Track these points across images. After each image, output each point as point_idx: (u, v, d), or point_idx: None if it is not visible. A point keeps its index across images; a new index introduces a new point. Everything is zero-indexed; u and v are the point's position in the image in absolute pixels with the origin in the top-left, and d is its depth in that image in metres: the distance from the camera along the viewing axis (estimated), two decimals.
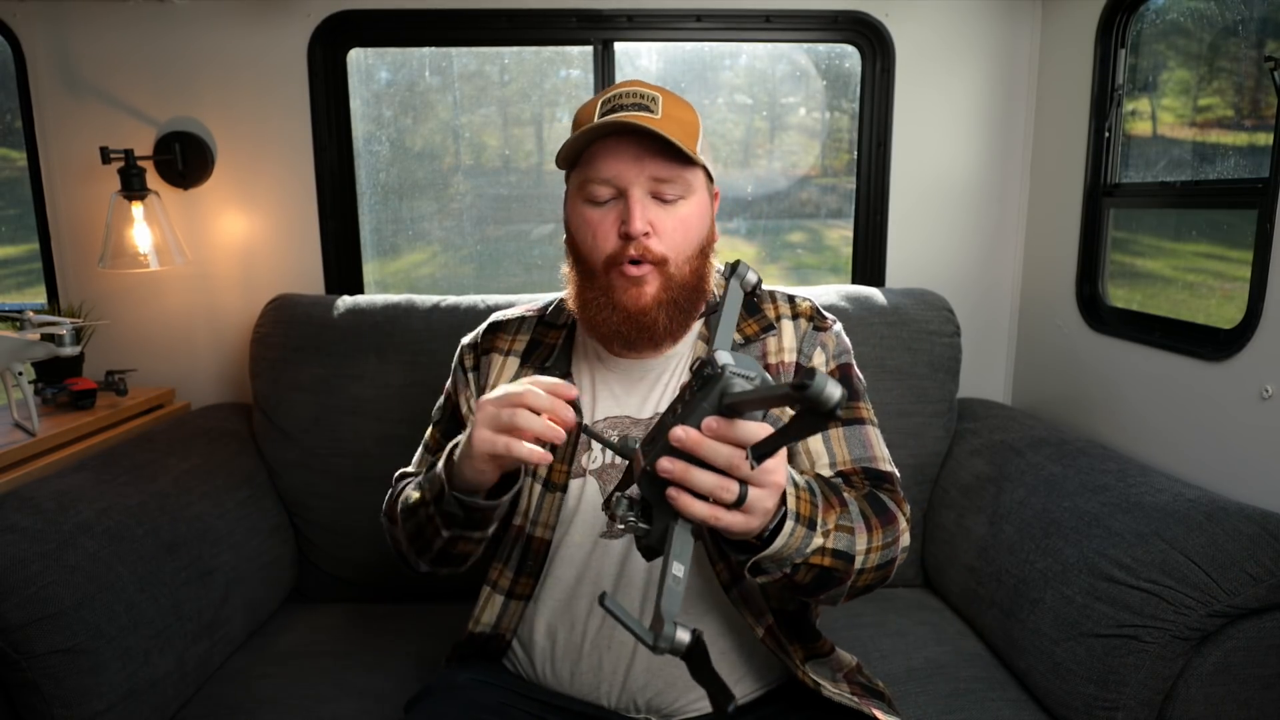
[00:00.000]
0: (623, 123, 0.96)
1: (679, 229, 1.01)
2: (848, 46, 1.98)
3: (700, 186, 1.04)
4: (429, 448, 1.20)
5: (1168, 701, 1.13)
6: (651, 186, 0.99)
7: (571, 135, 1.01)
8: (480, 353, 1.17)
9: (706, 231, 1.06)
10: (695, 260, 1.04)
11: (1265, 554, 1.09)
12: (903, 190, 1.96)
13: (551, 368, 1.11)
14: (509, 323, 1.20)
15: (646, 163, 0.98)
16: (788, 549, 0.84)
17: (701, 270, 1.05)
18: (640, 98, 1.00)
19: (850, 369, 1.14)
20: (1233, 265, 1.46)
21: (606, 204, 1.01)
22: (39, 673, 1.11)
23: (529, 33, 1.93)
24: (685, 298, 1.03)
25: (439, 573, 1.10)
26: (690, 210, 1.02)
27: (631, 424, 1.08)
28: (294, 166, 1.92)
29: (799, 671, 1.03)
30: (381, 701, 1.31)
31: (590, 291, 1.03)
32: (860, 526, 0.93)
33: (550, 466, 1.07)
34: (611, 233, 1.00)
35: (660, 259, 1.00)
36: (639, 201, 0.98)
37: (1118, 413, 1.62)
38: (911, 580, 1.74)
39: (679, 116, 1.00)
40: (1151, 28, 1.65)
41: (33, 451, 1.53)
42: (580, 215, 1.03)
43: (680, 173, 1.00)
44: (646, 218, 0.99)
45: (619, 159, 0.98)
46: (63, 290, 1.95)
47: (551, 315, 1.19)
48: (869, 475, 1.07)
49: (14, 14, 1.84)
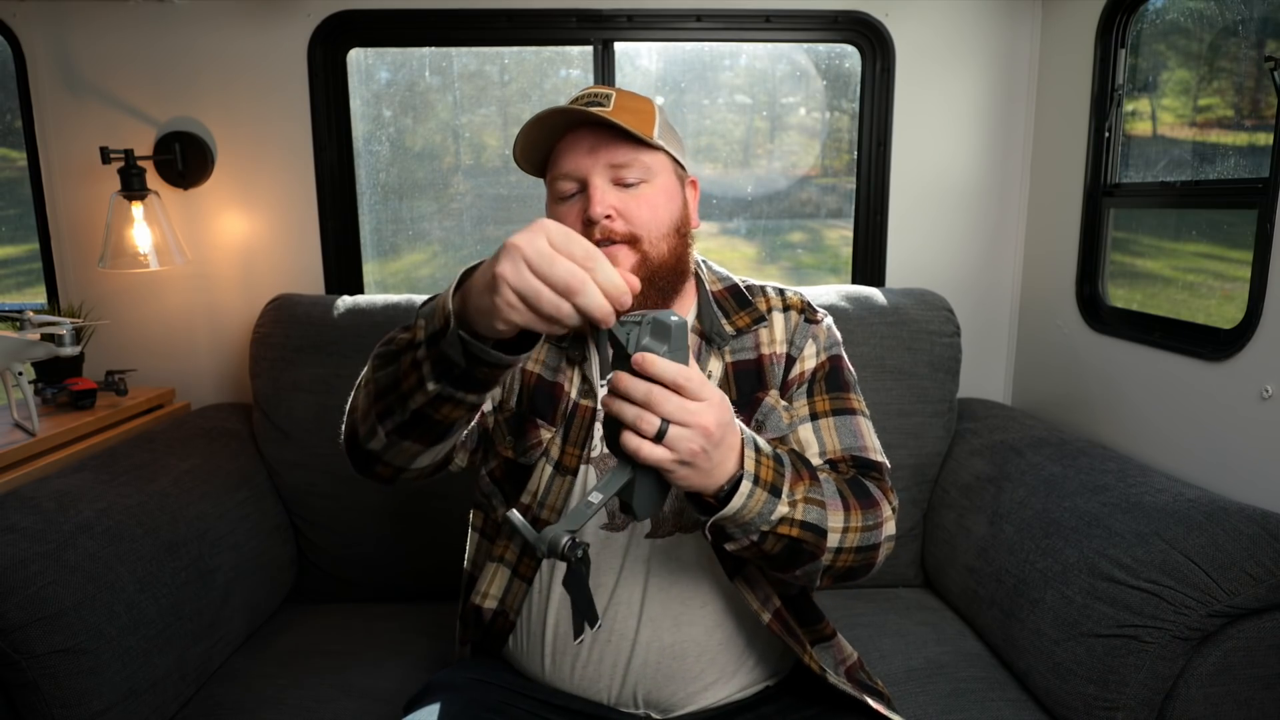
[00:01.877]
0: (565, 112, 1.00)
1: (644, 208, 1.02)
2: (848, 46, 1.98)
3: (663, 170, 1.06)
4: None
5: (1168, 701, 1.13)
6: (611, 174, 1.02)
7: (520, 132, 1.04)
8: None
9: (678, 213, 1.07)
10: (671, 239, 1.05)
11: (1265, 554, 1.09)
12: (903, 190, 1.96)
13: (569, 347, 1.11)
14: None
15: (601, 152, 1.02)
16: (747, 512, 0.85)
17: (680, 251, 1.07)
18: (594, 96, 1.04)
19: (840, 360, 1.15)
20: (1233, 265, 1.46)
21: (574, 198, 1.04)
22: (39, 673, 1.11)
23: (529, 33, 1.93)
24: (662, 277, 1.04)
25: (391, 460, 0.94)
26: (654, 191, 1.04)
27: None
28: (294, 166, 1.92)
29: (806, 656, 1.03)
30: (381, 701, 1.31)
31: None
32: (835, 504, 0.94)
33: (563, 449, 1.08)
34: (577, 223, 1.02)
35: (629, 237, 1.02)
36: (598, 188, 1.01)
37: (1118, 413, 1.62)
38: (911, 580, 1.74)
39: (631, 106, 1.04)
40: (1151, 28, 1.65)
41: (33, 451, 1.53)
42: (554, 213, 1.07)
43: (636, 156, 1.02)
44: (608, 202, 1.01)
45: (575, 152, 1.03)
46: (63, 290, 1.95)
47: None
48: (857, 463, 1.07)
49: (14, 14, 1.84)
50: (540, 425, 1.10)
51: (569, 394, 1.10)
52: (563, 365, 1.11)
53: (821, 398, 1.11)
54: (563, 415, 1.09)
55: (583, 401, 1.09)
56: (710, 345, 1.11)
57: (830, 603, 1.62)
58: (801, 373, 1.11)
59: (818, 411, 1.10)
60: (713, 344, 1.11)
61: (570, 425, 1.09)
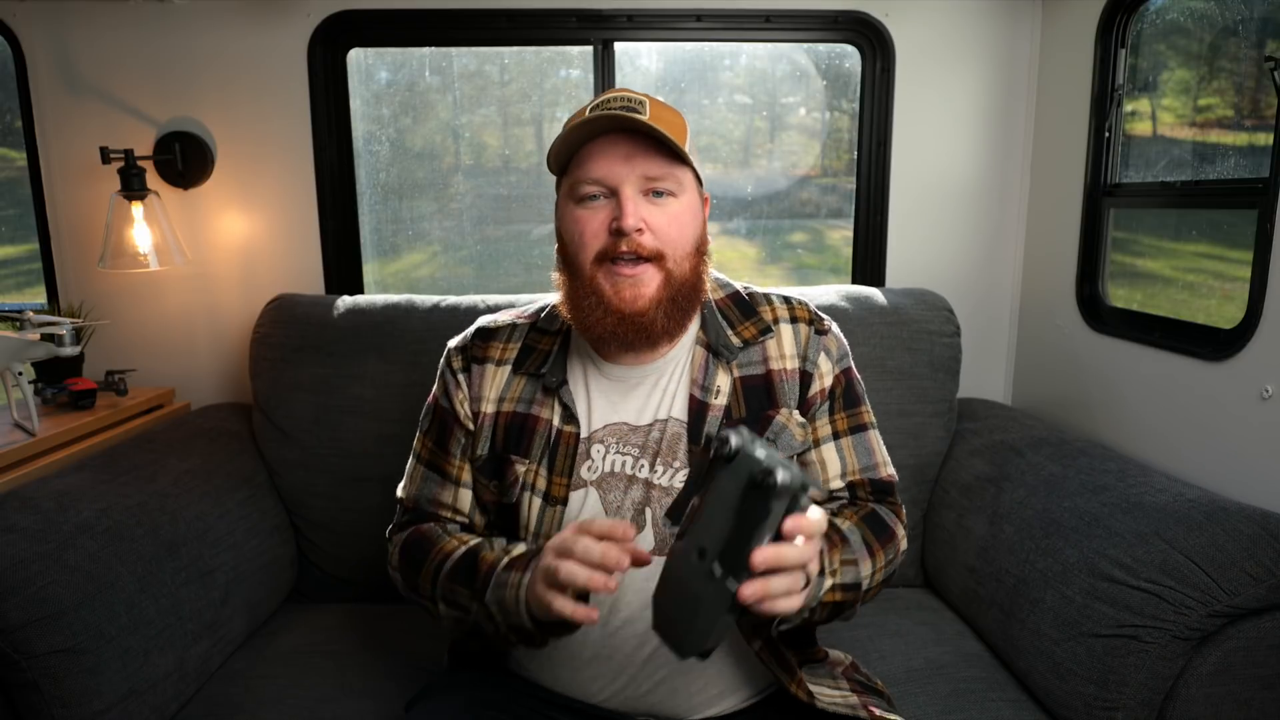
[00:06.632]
0: (612, 118, 0.96)
1: (673, 224, 1.01)
2: (848, 46, 1.98)
3: (691, 186, 1.04)
4: (421, 458, 1.16)
5: (1168, 701, 1.13)
6: (643, 184, 0.99)
7: (558, 137, 1.01)
8: (470, 359, 1.14)
9: (700, 231, 1.06)
10: (693, 258, 1.04)
11: (1265, 554, 1.09)
12: (903, 190, 1.96)
13: (547, 374, 1.09)
14: (499, 329, 1.16)
15: (637, 161, 0.98)
16: (808, 602, 0.89)
17: (699, 269, 1.05)
18: (628, 101, 1.00)
19: (852, 372, 1.15)
20: (1233, 265, 1.46)
21: (598, 202, 1.01)
22: (39, 673, 1.11)
23: (529, 33, 1.93)
24: (684, 296, 1.02)
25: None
26: (682, 207, 1.02)
27: (630, 430, 1.07)
28: (294, 166, 1.92)
29: (792, 685, 1.02)
30: (381, 701, 1.31)
31: (581, 293, 1.02)
32: (864, 555, 0.99)
33: (550, 479, 1.06)
34: (602, 230, 0.99)
35: (656, 254, 1.00)
36: (631, 198, 0.98)
37: (1118, 413, 1.62)
38: (911, 580, 1.74)
39: (666, 118, 1.00)
40: (1151, 28, 1.65)
41: (33, 451, 1.53)
42: (571, 216, 1.03)
43: (671, 170, 1.00)
44: (640, 214, 0.98)
45: (609, 158, 0.99)
46: (63, 290, 1.95)
47: (545, 321, 1.15)
48: (873, 487, 1.10)
49: (14, 14, 1.84)
50: (515, 460, 1.08)
51: (550, 422, 1.07)
52: (538, 395, 1.09)
53: (840, 415, 1.11)
54: (544, 446, 1.07)
55: (565, 429, 1.07)
56: (718, 359, 1.08)
57: None
58: (821, 390, 1.10)
59: (839, 430, 1.11)
60: (720, 357, 1.08)
61: (555, 454, 1.06)
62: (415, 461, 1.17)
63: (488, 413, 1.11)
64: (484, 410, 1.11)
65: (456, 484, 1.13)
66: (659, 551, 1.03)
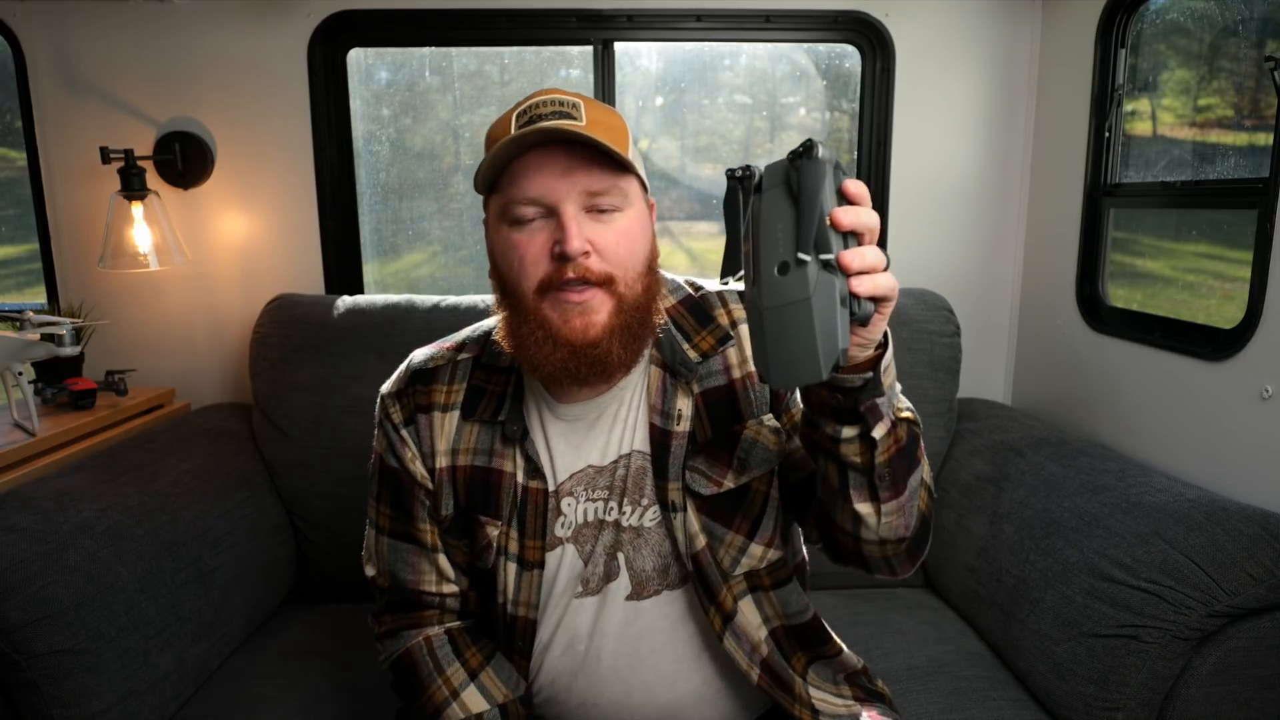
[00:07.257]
0: (546, 130, 0.84)
1: (621, 243, 0.89)
2: (848, 46, 1.98)
3: (637, 196, 0.92)
4: (383, 529, 1.05)
5: (1168, 701, 1.13)
6: (584, 200, 0.87)
7: (487, 155, 0.88)
8: (414, 409, 1.02)
9: (650, 245, 0.95)
10: (646, 278, 0.92)
11: (1265, 554, 1.09)
12: (903, 190, 1.96)
13: (507, 423, 0.98)
14: (439, 369, 1.03)
15: (577, 175, 0.86)
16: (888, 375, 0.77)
17: (652, 289, 0.93)
18: (560, 105, 0.88)
19: None
20: (1233, 265, 1.46)
21: (535, 225, 0.88)
22: (39, 673, 1.11)
23: (529, 33, 1.93)
24: (638, 322, 0.91)
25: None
26: (630, 222, 0.90)
27: (596, 473, 0.98)
28: (294, 166, 1.92)
29: (795, 708, 0.98)
30: (382, 701, 1.31)
31: (525, 327, 0.90)
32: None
33: (522, 543, 0.98)
34: (543, 255, 0.87)
35: (605, 278, 0.88)
36: (573, 218, 0.85)
37: (1118, 413, 1.62)
38: (912, 580, 1.74)
39: (605, 122, 0.89)
40: (1151, 28, 1.65)
41: (33, 451, 1.53)
42: (505, 240, 0.89)
43: (615, 182, 0.88)
44: (584, 235, 0.86)
45: (544, 174, 0.86)
46: (63, 290, 1.95)
47: (490, 357, 1.02)
48: None
49: (14, 14, 1.84)
50: (485, 521, 0.99)
51: (514, 478, 0.98)
52: (497, 445, 0.99)
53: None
54: (512, 505, 0.98)
55: (531, 484, 0.97)
56: (676, 379, 0.97)
57: (833, 602, 1.62)
58: None
59: None
60: (679, 377, 0.97)
61: (524, 515, 0.97)
62: (376, 534, 1.06)
63: (442, 467, 1.00)
64: (439, 466, 1.00)
65: (434, 550, 1.03)
66: (635, 596, 0.98)
